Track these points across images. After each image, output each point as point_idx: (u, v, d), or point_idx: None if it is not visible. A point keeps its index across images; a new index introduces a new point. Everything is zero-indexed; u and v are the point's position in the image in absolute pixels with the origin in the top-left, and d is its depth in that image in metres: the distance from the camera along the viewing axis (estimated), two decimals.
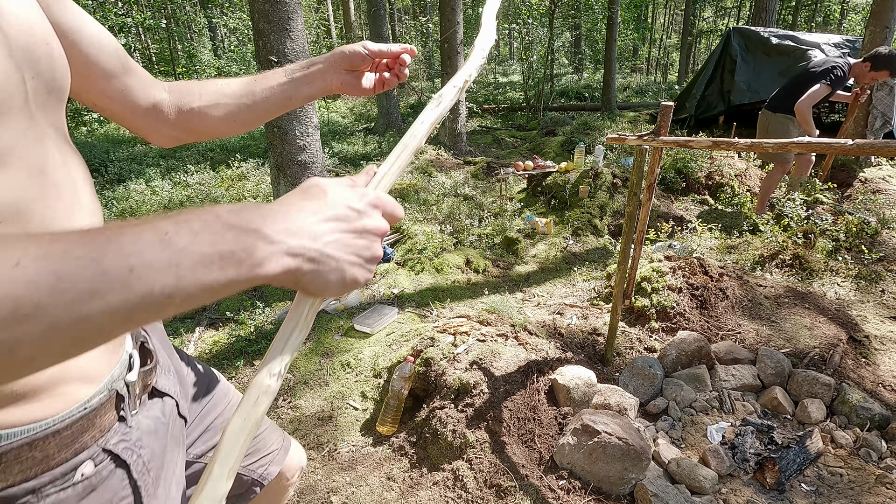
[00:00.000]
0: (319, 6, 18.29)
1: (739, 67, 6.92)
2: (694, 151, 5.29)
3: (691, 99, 7.69)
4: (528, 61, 11.34)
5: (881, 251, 3.54)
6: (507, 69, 19.85)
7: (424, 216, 4.77)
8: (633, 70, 21.38)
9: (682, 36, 18.60)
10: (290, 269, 0.42)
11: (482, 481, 1.81)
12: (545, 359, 2.29)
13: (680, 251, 3.55)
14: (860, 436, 2.05)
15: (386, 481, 1.95)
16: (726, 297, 2.88)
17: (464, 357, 2.18)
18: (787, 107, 3.83)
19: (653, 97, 13.12)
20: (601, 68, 15.47)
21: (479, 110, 11.23)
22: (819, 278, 3.35)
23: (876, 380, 2.38)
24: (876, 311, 2.99)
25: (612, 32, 10.10)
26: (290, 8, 2.90)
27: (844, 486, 1.84)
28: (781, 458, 1.86)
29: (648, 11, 22.82)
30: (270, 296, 3.45)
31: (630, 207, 2.30)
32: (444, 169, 6.46)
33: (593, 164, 5.15)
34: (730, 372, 2.38)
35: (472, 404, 1.99)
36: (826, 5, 18.81)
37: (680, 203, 5.06)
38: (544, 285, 3.68)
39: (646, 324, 2.85)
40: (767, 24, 9.27)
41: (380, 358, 2.67)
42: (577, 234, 4.52)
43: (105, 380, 0.53)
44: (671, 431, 2.13)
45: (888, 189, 4.58)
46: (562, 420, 2.06)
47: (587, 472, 1.80)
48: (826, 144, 1.49)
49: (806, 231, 3.59)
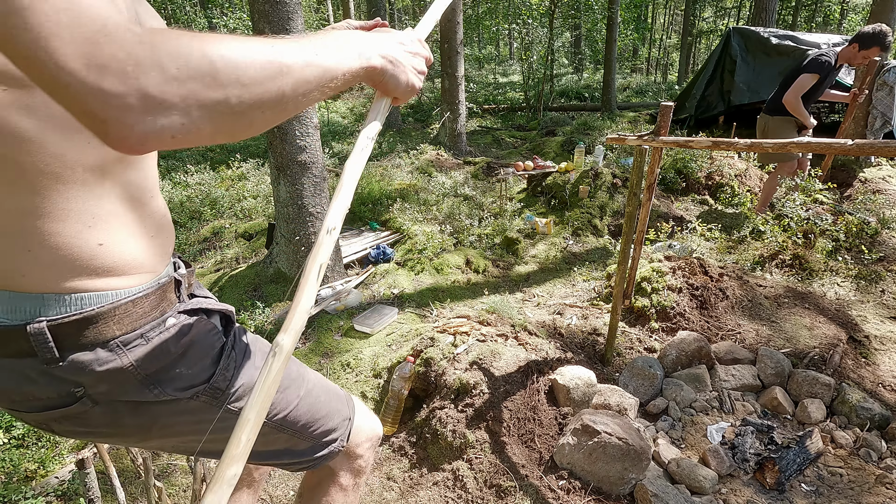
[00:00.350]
0: (319, 6, 18.30)
1: (739, 67, 6.92)
2: (694, 152, 5.29)
3: (691, 99, 7.68)
4: (528, 61, 11.34)
5: (881, 251, 3.54)
6: (507, 69, 19.85)
7: (424, 216, 4.78)
8: (633, 70, 21.37)
9: (682, 36, 18.61)
10: (381, 65, 0.69)
11: (482, 481, 1.81)
12: (545, 359, 2.29)
13: (680, 251, 3.55)
14: (860, 436, 2.05)
15: (386, 481, 1.95)
16: (726, 297, 2.88)
17: (464, 357, 2.18)
18: (782, 106, 3.84)
19: (653, 97, 13.12)
20: (601, 68, 15.47)
21: (479, 110, 11.22)
22: (819, 278, 3.36)
23: (876, 380, 2.38)
24: (876, 311, 2.99)
25: (612, 32, 10.10)
26: (290, 8, 2.90)
27: (844, 486, 1.84)
28: (781, 458, 1.86)
29: (648, 11, 22.83)
30: (270, 296, 3.45)
31: (630, 207, 2.30)
32: (444, 169, 6.46)
33: (593, 165, 5.15)
34: (730, 372, 2.38)
35: (472, 404, 1.99)
36: (826, 5, 18.81)
37: (680, 203, 5.06)
38: (544, 285, 3.68)
39: (646, 324, 2.85)
40: (767, 24, 9.26)
41: (380, 358, 2.67)
42: (577, 234, 4.52)
43: (164, 270, 0.77)
44: (671, 431, 2.13)
45: (888, 189, 4.58)
46: (562, 420, 2.06)
47: (587, 472, 1.80)
48: (826, 144, 1.49)
49: (806, 231, 3.59)
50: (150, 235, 0.72)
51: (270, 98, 0.53)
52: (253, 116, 0.52)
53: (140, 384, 0.70)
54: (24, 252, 0.61)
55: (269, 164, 3.38)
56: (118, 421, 0.73)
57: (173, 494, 1.95)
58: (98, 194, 0.63)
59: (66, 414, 0.69)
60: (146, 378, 0.70)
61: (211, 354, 0.79)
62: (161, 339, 0.72)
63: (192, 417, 0.78)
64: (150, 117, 0.44)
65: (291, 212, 3.25)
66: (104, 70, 0.41)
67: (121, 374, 0.68)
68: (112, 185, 0.65)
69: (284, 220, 3.30)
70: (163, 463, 2.08)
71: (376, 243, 4.23)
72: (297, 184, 3.19)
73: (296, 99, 0.56)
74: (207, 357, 0.78)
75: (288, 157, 3.12)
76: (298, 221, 3.28)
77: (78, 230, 0.62)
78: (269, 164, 3.38)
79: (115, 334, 0.67)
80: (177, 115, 0.46)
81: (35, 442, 2.27)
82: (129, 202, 0.68)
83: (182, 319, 0.76)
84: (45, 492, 1.95)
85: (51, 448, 2.22)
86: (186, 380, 0.75)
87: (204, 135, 0.49)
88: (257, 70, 0.51)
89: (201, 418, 0.79)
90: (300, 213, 3.26)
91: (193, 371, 0.76)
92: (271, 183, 3.26)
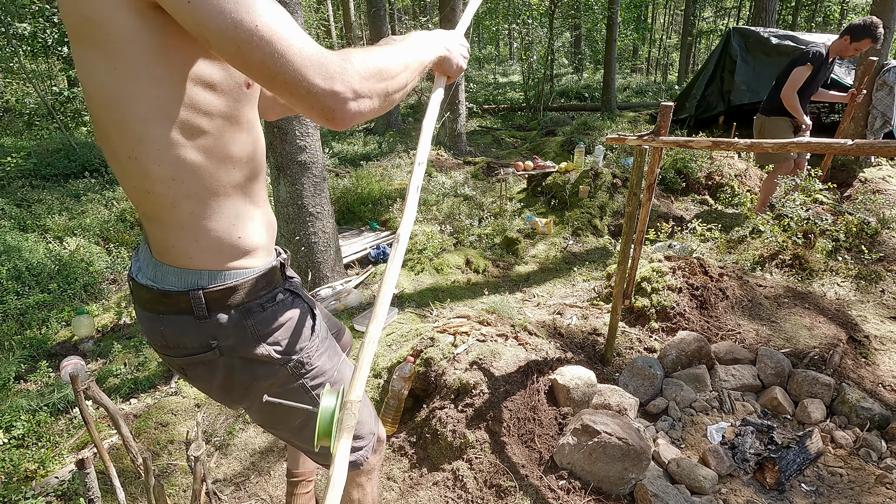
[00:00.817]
0: (319, 6, 18.28)
1: (739, 67, 6.92)
2: (694, 152, 5.29)
3: (691, 99, 7.68)
4: (528, 61, 11.34)
5: (881, 251, 3.54)
6: (507, 69, 19.85)
7: (424, 216, 4.77)
8: (633, 70, 21.36)
9: (682, 36, 18.60)
10: (445, 55, 1.00)
11: (482, 481, 1.81)
12: (545, 359, 2.29)
13: (680, 251, 3.55)
14: (860, 436, 2.05)
15: (386, 481, 1.95)
16: (726, 297, 2.88)
17: (464, 357, 2.18)
18: (777, 106, 3.84)
19: (653, 97, 13.12)
20: (601, 68, 15.47)
21: (479, 110, 11.23)
22: (819, 278, 3.35)
23: (876, 380, 2.38)
24: (876, 311, 2.99)
25: (612, 32, 10.09)
26: (290, 8, 2.89)
27: (844, 486, 1.84)
28: (781, 458, 1.86)
29: (648, 11, 22.80)
30: None
31: (630, 207, 2.30)
32: (444, 169, 6.46)
33: (593, 165, 5.15)
34: (730, 372, 2.38)
35: (472, 404, 1.99)
36: (826, 5, 18.79)
37: (680, 203, 5.06)
38: (544, 285, 3.68)
39: (646, 324, 2.85)
40: (767, 24, 9.26)
41: (380, 358, 2.67)
42: (577, 234, 4.52)
43: (273, 255, 1.00)
44: (671, 431, 2.13)
45: (888, 189, 4.58)
46: (562, 420, 2.06)
47: (587, 472, 1.80)
48: (826, 144, 1.49)
49: (806, 231, 3.59)
50: (266, 229, 0.98)
51: (402, 84, 0.85)
52: (396, 97, 0.85)
53: (254, 342, 0.94)
54: (192, 242, 0.87)
55: (269, 164, 3.38)
56: (232, 373, 0.96)
57: (173, 494, 1.95)
58: (237, 202, 0.90)
59: (202, 360, 0.93)
60: (259, 338, 0.94)
61: (303, 331, 1.00)
62: (273, 310, 0.96)
63: (278, 383, 1.00)
64: (356, 103, 0.76)
65: (291, 212, 3.25)
66: (332, 80, 0.72)
67: (244, 331, 0.92)
68: (245, 195, 0.92)
69: (284, 220, 3.30)
70: (163, 463, 2.08)
71: (376, 243, 4.23)
72: (297, 184, 3.18)
73: (412, 82, 0.89)
74: (300, 333, 1.00)
75: (288, 156, 3.12)
76: (298, 221, 3.28)
77: (227, 227, 0.89)
78: (269, 164, 3.38)
79: (244, 301, 0.92)
80: (368, 100, 0.78)
81: (35, 442, 2.27)
82: (254, 207, 0.94)
83: (287, 297, 0.99)
84: (45, 492, 1.95)
85: (51, 448, 2.22)
86: (284, 347, 0.97)
87: (378, 111, 0.82)
88: (395, 68, 0.83)
89: (285, 388, 1.01)
90: (300, 213, 3.26)
91: (289, 341, 0.98)
92: (271, 183, 3.26)
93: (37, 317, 3.30)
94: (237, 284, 0.90)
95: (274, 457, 2.16)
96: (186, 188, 0.82)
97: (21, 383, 2.73)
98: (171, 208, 0.83)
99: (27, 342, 3.06)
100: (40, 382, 2.70)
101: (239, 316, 0.91)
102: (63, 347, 3.08)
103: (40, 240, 4.29)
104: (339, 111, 0.74)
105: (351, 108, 0.75)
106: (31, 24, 6.50)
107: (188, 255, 0.87)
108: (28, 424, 2.32)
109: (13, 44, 6.54)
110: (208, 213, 0.85)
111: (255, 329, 0.93)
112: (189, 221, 0.85)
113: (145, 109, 0.74)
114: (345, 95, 0.73)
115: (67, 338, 3.16)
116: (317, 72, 0.71)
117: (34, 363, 2.84)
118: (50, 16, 6.63)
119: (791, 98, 3.71)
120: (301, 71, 0.70)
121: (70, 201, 5.14)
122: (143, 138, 0.76)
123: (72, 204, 5.06)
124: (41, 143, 7.16)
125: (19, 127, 8.51)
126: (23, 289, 3.55)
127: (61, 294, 3.58)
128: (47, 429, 2.35)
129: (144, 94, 0.73)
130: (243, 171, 0.89)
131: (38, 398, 2.47)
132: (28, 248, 3.96)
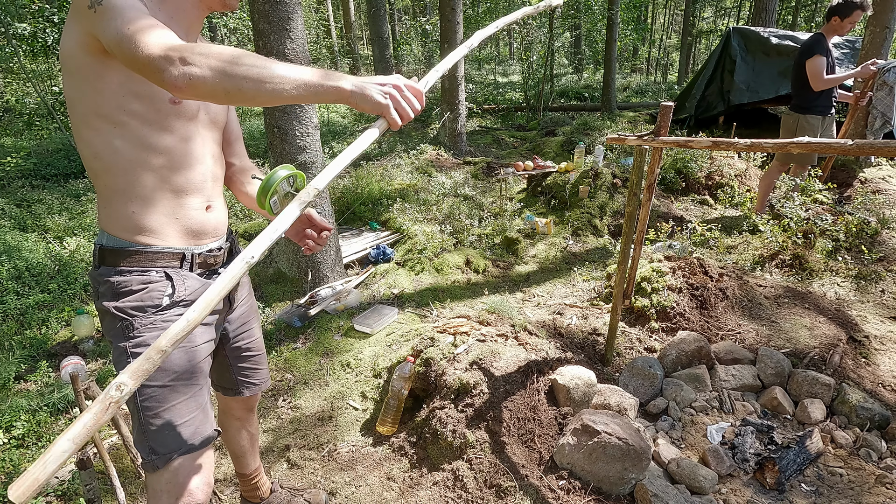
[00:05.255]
0: (319, 6, 18.29)
1: (739, 67, 6.91)
2: (694, 151, 5.29)
3: (691, 99, 7.68)
4: (527, 61, 11.33)
5: (881, 251, 3.54)
6: (507, 69, 19.84)
7: (424, 216, 4.77)
8: (632, 70, 21.35)
9: (682, 36, 18.59)
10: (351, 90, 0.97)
11: (482, 481, 1.81)
12: (545, 359, 2.29)
13: (680, 251, 3.55)
14: (860, 436, 2.05)
15: (386, 481, 1.95)
16: (726, 297, 2.88)
17: (464, 357, 2.18)
18: (811, 103, 3.84)
19: (653, 97, 13.11)
20: (601, 68, 15.46)
21: (479, 110, 11.21)
22: (819, 278, 3.36)
23: (876, 380, 2.38)
24: (876, 311, 2.99)
25: (611, 33, 10.09)
26: (289, 8, 2.89)
27: (844, 486, 1.84)
28: (781, 458, 1.86)
29: (648, 12, 22.80)
30: (270, 296, 3.46)
31: (630, 207, 2.30)
32: (444, 169, 6.46)
33: (593, 165, 5.15)
34: (730, 372, 2.38)
35: (472, 404, 1.99)
36: (826, 5, 18.81)
37: (680, 203, 5.06)
38: (544, 285, 3.68)
39: (646, 324, 2.85)
40: (767, 24, 9.25)
41: (380, 358, 2.67)
42: (577, 234, 4.52)
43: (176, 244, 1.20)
44: (671, 431, 2.13)
45: (888, 189, 4.57)
46: (562, 420, 2.06)
47: (587, 472, 1.80)
48: (826, 144, 1.49)
49: (806, 231, 3.59)
50: (174, 220, 1.18)
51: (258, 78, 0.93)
52: (245, 86, 0.92)
53: (111, 298, 1.15)
54: (103, 208, 1.15)
55: (269, 165, 3.38)
56: (103, 318, 1.18)
57: None
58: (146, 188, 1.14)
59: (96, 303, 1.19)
60: (115, 295, 1.15)
61: (149, 304, 1.15)
62: (137, 278, 1.15)
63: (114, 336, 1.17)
64: (185, 68, 0.90)
65: None
66: (170, 52, 0.90)
67: (108, 285, 1.15)
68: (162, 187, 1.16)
69: None
70: None
71: (376, 243, 4.23)
72: None
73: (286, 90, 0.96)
74: (146, 303, 1.15)
75: (288, 156, 3.12)
76: None
77: (124, 203, 1.13)
78: (269, 165, 3.38)
79: (119, 265, 1.14)
80: (197, 69, 0.90)
81: (35, 442, 2.27)
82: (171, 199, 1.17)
83: (154, 276, 1.16)
84: (45, 492, 1.95)
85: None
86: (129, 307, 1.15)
87: (215, 86, 0.91)
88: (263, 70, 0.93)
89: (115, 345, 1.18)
90: None
91: (135, 305, 1.15)
92: None
93: (37, 317, 3.30)
94: (121, 249, 1.14)
95: (273, 457, 2.16)
96: (104, 165, 1.11)
97: (21, 383, 2.73)
98: (96, 179, 1.14)
99: (27, 342, 3.06)
100: (40, 382, 2.70)
101: (113, 273, 1.14)
102: (63, 347, 3.07)
103: (40, 240, 4.29)
104: (168, 74, 0.90)
105: (177, 71, 0.89)
106: (31, 24, 6.50)
107: (101, 217, 1.16)
108: (28, 424, 2.32)
109: (13, 44, 6.55)
110: (117, 189, 1.12)
111: (116, 287, 1.14)
112: (104, 192, 1.13)
113: (87, 109, 1.06)
114: (171, 58, 0.89)
115: (67, 338, 3.16)
116: (159, 50, 0.91)
117: (34, 363, 2.84)
118: (50, 16, 6.62)
119: (828, 81, 3.70)
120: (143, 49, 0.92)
121: (70, 201, 5.14)
122: (83, 128, 1.09)
123: (72, 204, 5.06)
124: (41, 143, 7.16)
125: (19, 127, 8.52)
126: (23, 289, 3.56)
127: (61, 294, 3.58)
128: (47, 429, 2.35)
129: (88, 100, 1.06)
130: (159, 164, 1.13)
131: (38, 398, 2.47)
132: (28, 247, 3.96)
